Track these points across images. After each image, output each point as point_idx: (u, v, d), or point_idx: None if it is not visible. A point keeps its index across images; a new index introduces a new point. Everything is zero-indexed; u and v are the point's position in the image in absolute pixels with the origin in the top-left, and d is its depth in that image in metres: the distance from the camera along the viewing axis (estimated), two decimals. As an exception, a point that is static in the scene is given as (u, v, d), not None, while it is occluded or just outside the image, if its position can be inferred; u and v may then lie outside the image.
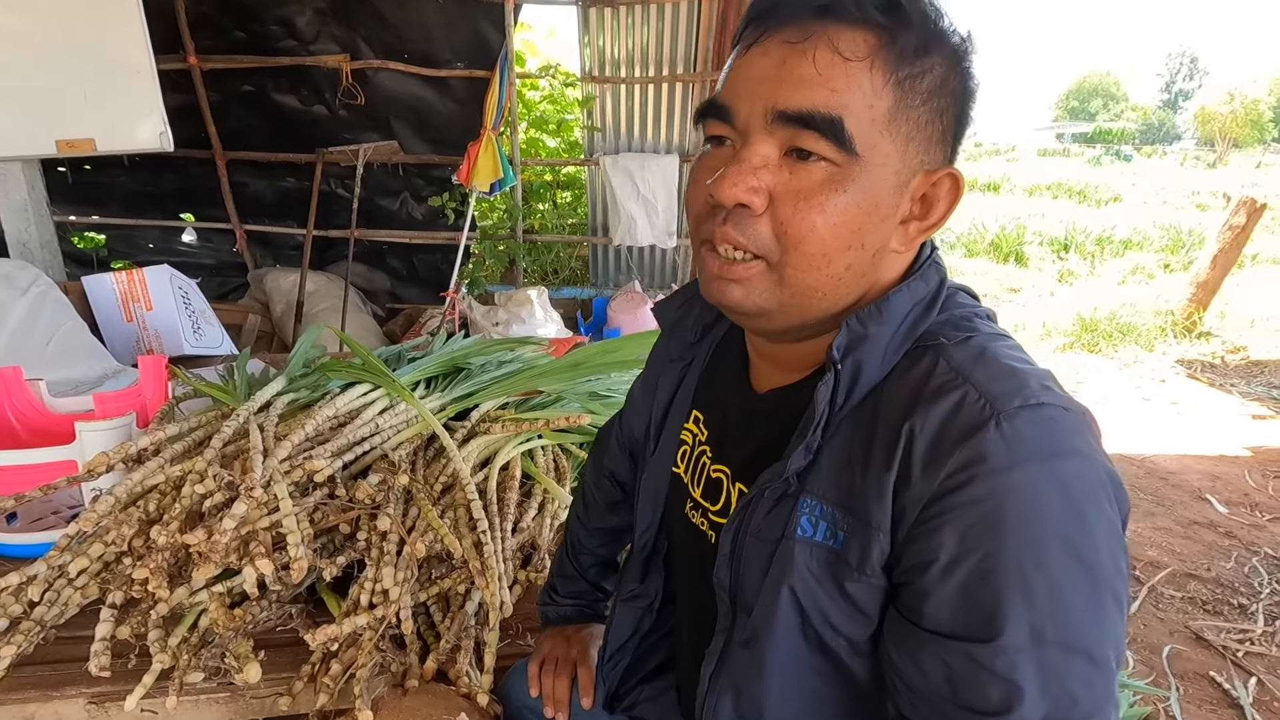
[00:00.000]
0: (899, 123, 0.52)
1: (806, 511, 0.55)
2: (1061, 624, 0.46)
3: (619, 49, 4.35)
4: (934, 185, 0.56)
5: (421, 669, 0.93)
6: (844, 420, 0.56)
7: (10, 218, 2.56)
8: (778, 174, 0.53)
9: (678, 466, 0.76)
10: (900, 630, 0.52)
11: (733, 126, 0.55)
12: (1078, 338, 5.38)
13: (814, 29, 0.51)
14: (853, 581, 0.53)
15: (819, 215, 0.52)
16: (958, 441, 0.48)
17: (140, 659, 0.94)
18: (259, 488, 0.96)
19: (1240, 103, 36.19)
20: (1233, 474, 3.30)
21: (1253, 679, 2.01)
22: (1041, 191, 14.83)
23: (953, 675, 0.48)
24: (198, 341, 2.43)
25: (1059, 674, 0.46)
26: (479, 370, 1.61)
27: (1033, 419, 0.48)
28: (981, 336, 0.55)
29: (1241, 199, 5.10)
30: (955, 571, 0.48)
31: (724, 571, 0.61)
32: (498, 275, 4.87)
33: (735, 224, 0.54)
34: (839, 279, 0.55)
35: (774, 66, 0.52)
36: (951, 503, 0.48)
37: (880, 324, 0.55)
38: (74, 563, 0.99)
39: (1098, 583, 0.47)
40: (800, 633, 0.56)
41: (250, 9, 3.86)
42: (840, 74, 0.50)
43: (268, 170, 4.39)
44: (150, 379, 1.42)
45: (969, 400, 0.49)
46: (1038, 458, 0.47)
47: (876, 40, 0.51)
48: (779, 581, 0.56)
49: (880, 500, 0.51)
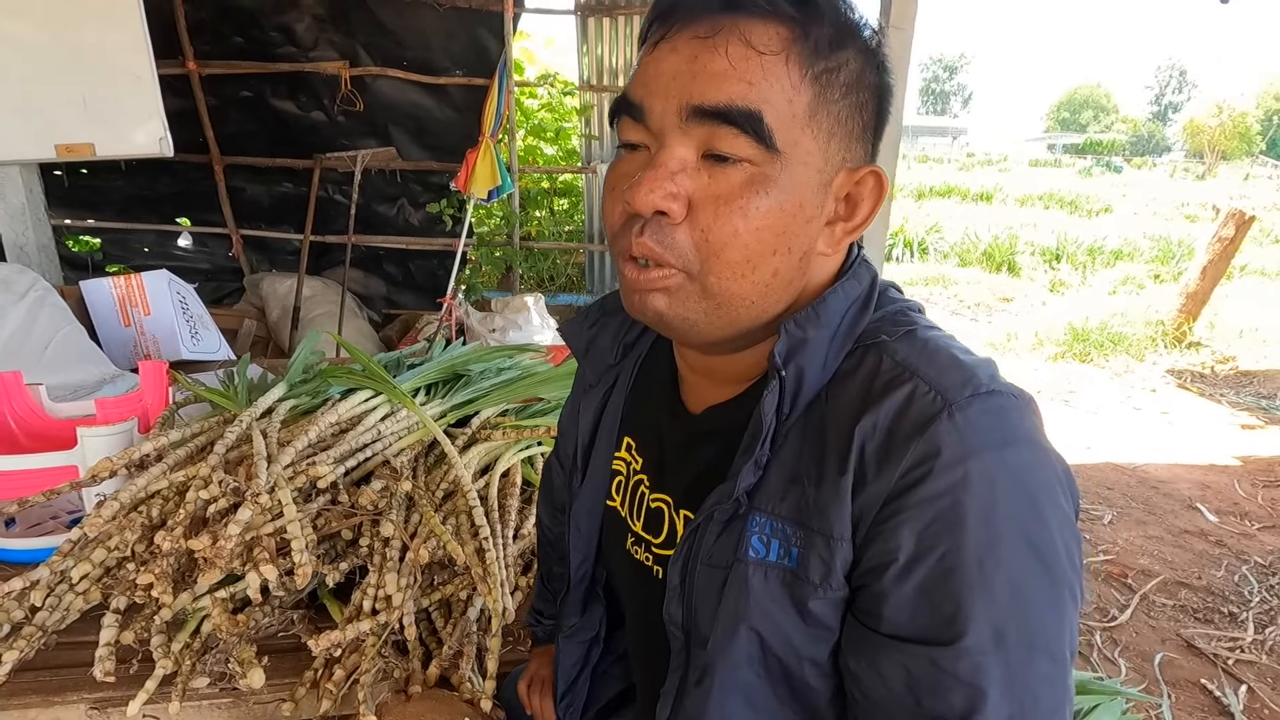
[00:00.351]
0: (819, 118, 0.50)
1: (756, 530, 0.53)
2: (1023, 623, 0.46)
3: (617, 58, 4.38)
4: (857, 184, 0.54)
5: (424, 674, 0.94)
6: (790, 430, 0.53)
7: (8, 222, 2.56)
8: (696, 178, 0.50)
9: (613, 499, 0.72)
10: (858, 637, 0.50)
11: (646, 128, 0.52)
12: (1069, 347, 5.43)
13: (723, 23, 0.48)
14: (817, 599, 0.51)
15: (740, 219, 0.49)
16: (911, 435, 0.47)
17: (142, 665, 0.94)
18: (264, 493, 0.96)
19: (1228, 116, 36.65)
20: (1223, 483, 3.34)
21: (1243, 686, 2.03)
22: (1033, 202, 14.97)
23: (914, 681, 0.47)
24: (195, 346, 2.43)
25: (1022, 675, 0.46)
26: (478, 377, 1.62)
27: (985, 408, 0.47)
28: (920, 330, 0.54)
29: (1230, 211, 5.17)
30: (914, 572, 0.47)
31: (675, 606, 0.58)
32: (494, 281, 4.89)
33: (653, 233, 0.51)
34: (766, 285, 0.52)
35: (685, 62, 0.49)
36: (908, 500, 0.47)
37: (819, 326, 0.53)
38: (77, 568, 1.00)
39: (1056, 580, 0.47)
40: (761, 662, 0.53)
41: (250, 15, 3.87)
42: (755, 67, 0.48)
43: (265, 175, 4.39)
44: (151, 384, 1.42)
45: (919, 393, 0.48)
46: (992, 446, 0.46)
47: (789, 33, 0.49)
48: (734, 609, 0.53)
49: (840, 508, 0.49)
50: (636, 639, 0.75)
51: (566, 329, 0.73)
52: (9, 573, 1.02)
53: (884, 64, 0.54)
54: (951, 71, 79.70)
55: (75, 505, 1.35)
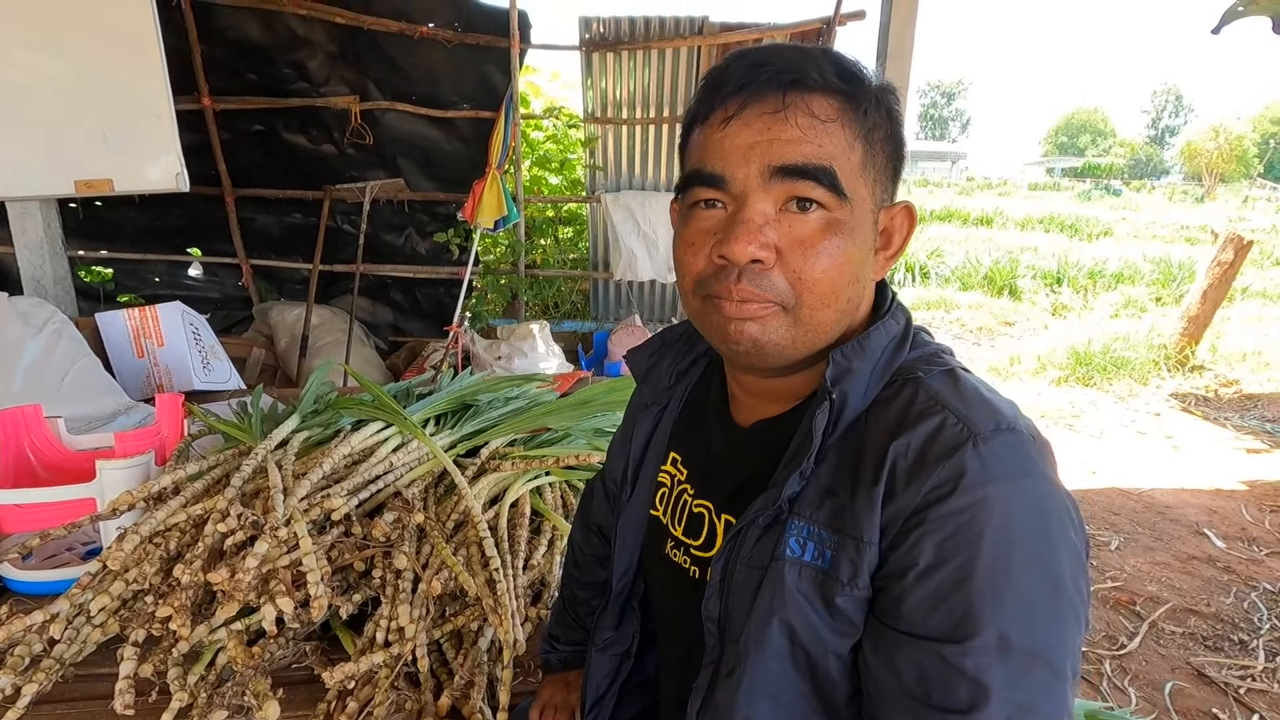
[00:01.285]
0: (868, 169, 0.60)
1: (795, 533, 0.59)
2: (1027, 632, 0.50)
3: (621, 91, 4.48)
4: (892, 218, 0.64)
5: (436, 705, 0.95)
6: (831, 448, 0.60)
7: (26, 255, 2.62)
8: (778, 228, 0.59)
9: (655, 509, 0.79)
10: (877, 633, 0.55)
11: (727, 191, 0.60)
12: (1072, 371, 5.44)
13: (789, 99, 0.58)
14: (843, 596, 0.56)
15: (825, 258, 0.58)
16: (940, 459, 0.53)
17: (159, 697, 0.95)
18: (282, 526, 0.99)
19: (1225, 139, 36.97)
20: (1229, 508, 3.32)
21: (1255, 716, 2.01)
22: (1033, 225, 15.06)
23: (925, 675, 0.52)
24: (207, 377, 2.47)
25: (1023, 680, 0.50)
26: (487, 407, 1.64)
27: (1006, 442, 0.54)
28: (953, 370, 0.61)
29: (1229, 235, 5.21)
30: (932, 577, 0.52)
31: (713, 603, 0.64)
32: (500, 309, 4.93)
33: (750, 279, 0.59)
34: (842, 311, 0.61)
35: (760, 133, 0.58)
36: (933, 514, 0.52)
37: (863, 359, 0.61)
38: (95, 600, 1.02)
39: (1060, 598, 0.52)
40: (790, 655, 0.58)
41: (264, 53, 3.98)
42: (820, 132, 0.57)
43: (275, 206, 4.47)
44: (167, 417, 1.45)
45: (949, 424, 0.55)
46: (1011, 476, 0.52)
47: (841, 103, 0.59)
48: (769, 603, 0.59)
49: (870, 515, 0.55)
50: (669, 641, 0.81)
51: (631, 356, 0.83)
52: (29, 606, 1.04)
53: (900, 118, 0.64)
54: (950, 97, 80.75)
55: (89, 537, 1.37)
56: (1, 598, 1.18)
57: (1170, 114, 73.18)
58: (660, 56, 4.35)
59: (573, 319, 5.35)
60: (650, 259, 4.69)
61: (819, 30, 4.29)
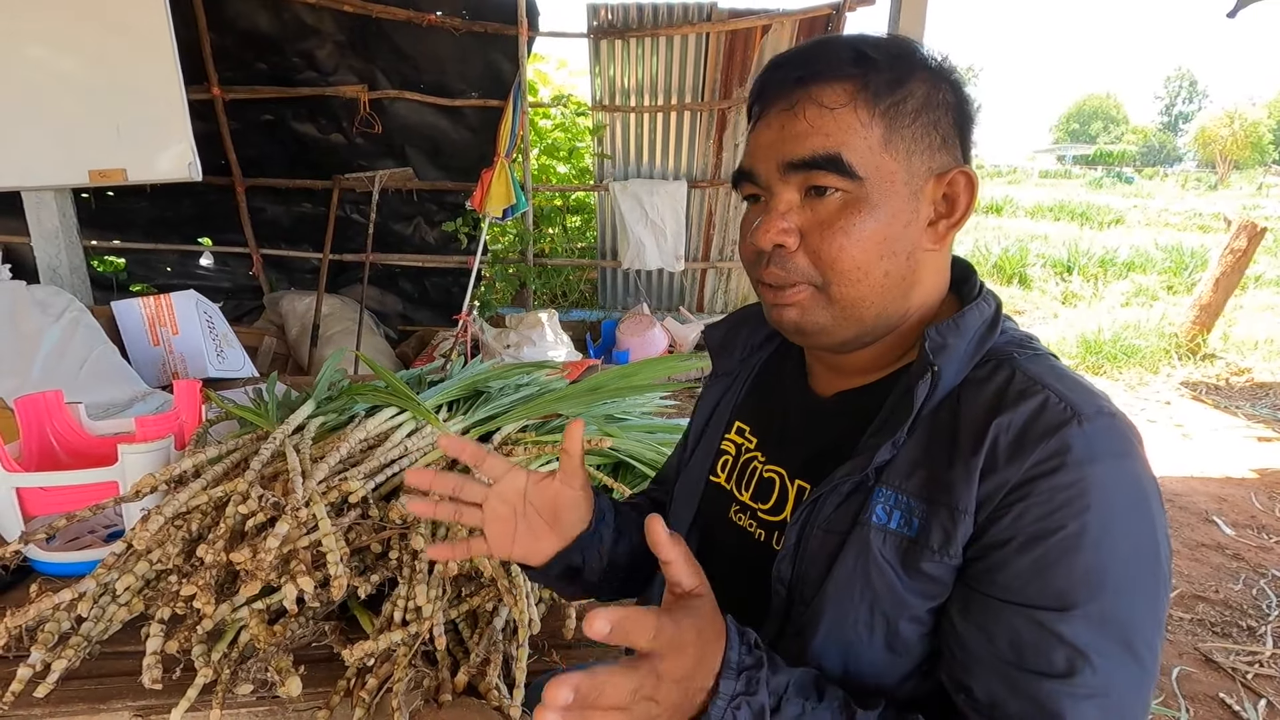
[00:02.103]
0: (895, 143, 0.61)
1: (882, 501, 0.60)
2: (1126, 607, 0.52)
3: (629, 79, 4.46)
4: (950, 185, 0.63)
5: (453, 682, 0.97)
6: (922, 420, 0.62)
7: (42, 244, 2.65)
8: (801, 214, 0.63)
9: (717, 476, 0.81)
10: (968, 599, 0.57)
11: (759, 185, 0.65)
12: (1083, 359, 5.42)
13: (798, 95, 0.61)
14: (931, 562, 0.57)
15: (843, 236, 0.60)
16: (1044, 435, 0.54)
17: (184, 673, 0.98)
18: (302, 508, 1.01)
19: (1240, 125, 36.44)
20: (1239, 496, 3.32)
21: (1262, 701, 2.02)
22: (1044, 213, 14.94)
23: (1020, 640, 0.53)
24: (221, 365, 2.49)
25: (1117, 652, 0.52)
26: (498, 394, 1.66)
27: (1108, 425, 0.55)
28: (1044, 355, 0.63)
29: (1242, 223, 5.16)
30: (1036, 547, 0.53)
31: (785, 566, 0.65)
32: (508, 298, 4.95)
33: (776, 263, 0.64)
34: (881, 285, 0.62)
35: (776, 132, 0.63)
36: (1038, 487, 0.53)
37: (957, 336, 0.62)
38: (121, 580, 1.04)
39: (1158, 578, 0.54)
40: (868, 619, 0.60)
41: (273, 42, 3.99)
42: (829, 121, 0.60)
43: (285, 196, 4.49)
44: (186, 402, 1.48)
45: (1051, 403, 0.56)
46: (1114, 455, 0.54)
47: (853, 86, 0.60)
48: (851, 567, 0.60)
49: (968, 486, 0.56)
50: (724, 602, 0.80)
51: (708, 330, 0.88)
52: (55, 585, 1.07)
53: (956, 81, 0.64)
54: (959, 84, 79.94)
55: (111, 520, 1.40)
56: (28, 578, 1.21)
57: (1184, 100, 72.15)
58: (668, 43, 4.33)
59: (581, 308, 5.37)
60: (658, 248, 4.69)
61: (828, 16, 4.26)
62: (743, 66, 4.41)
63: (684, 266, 4.84)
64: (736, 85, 4.46)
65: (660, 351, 4.48)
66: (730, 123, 4.59)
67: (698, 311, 5.16)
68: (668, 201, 4.61)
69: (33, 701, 0.95)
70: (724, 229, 4.93)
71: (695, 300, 5.21)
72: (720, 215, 4.88)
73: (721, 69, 4.42)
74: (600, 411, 1.62)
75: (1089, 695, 0.51)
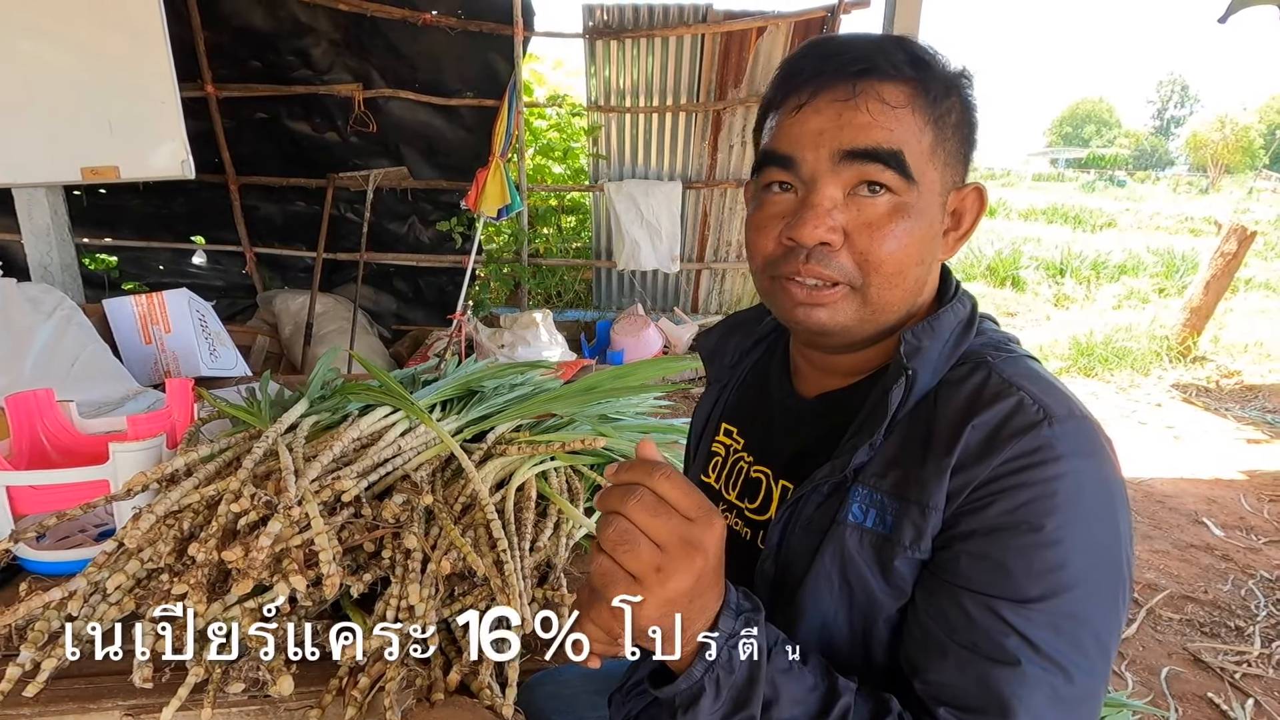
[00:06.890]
0: (938, 153, 0.61)
1: (859, 500, 0.61)
2: (1083, 602, 0.53)
3: (624, 79, 4.46)
4: (963, 199, 0.65)
5: (446, 681, 0.97)
6: (899, 422, 0.62)
7: (34, 242, 2.63)
8: (847, 211, 0.61)
9: (707, 477, 0.82)
10: (930, 586, 0.57)
11: (796, 174, 0.62)
12: (1074, 361, 5.45)
13: (860, 86, 0.59)
14: (902, 558, 0.58)
15: (891, 240, 0.60)
16: (1015, 434, 0.55)
17: (174, 673, 0.98)
18: (295, 507, 1.01)
19: (1231, 130, 36.71)
20: (1228, 497, 3.34)
21: (1250, 700, 2.04)
22: (1037, 216, 15.01)
23: (974, 625, 0.54)
24: (213, 363, 2.48)
25: (1070, 647, 0.52)
26: (492, 393, 1.66)
27: (1078, 427, 0.56)
28: (1020, 358, 0.63)
29: (1232, 226, 5.21)
30: (998, 538, 0.54)
31: (769, 563, 0.66)
32: (503, 298, 4.95)
33: (819, 260, 0.61)
34: (910, 291, 0.63)
35: (830, 120, 0.60)
36: (1005, 483, 0.54)
37: (933, 338, 0.62)
38: (112, 578, 1.04)
39: (1117, 577, 0.55)
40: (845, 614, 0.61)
41: (268, 40, 3.98)
42: (891, 118, 0.59)
43: (279, 194, 4.48)
44: (178, 401, 1.47)
45: (1025, 404, 0.56)
46: (1083, 455, 0.54)
47: (912, 89, 0.60)
48: (828, 565, 0.61)
49: (939, 483, 0.57)
50: None
51: (700, 338, 0.88)
52: (45, 584, 1.06)
53: (973, 101, 0.65)
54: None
55: (102, 519, 1.39)
56: (18, 577, 1.21)
57: (1176, 104, 72.63)
58: (664, 44, 4.33)
59: (575, 308, 5.37)
60: (653, 248, 4.69)
61: (823, 19, 4.27)
62: (738, 68, 4.42)
63: (679, 267, 4.85)
64: (732, 87, 4.47)
65: (655, 352, 4.48)
66: (725, 124, 4.60)
67: (693, 312, 5.17)
68: (663, 202, 4.61)
69: (22, 701, 0.95)
70: (719, 230, 4.94)
71: (690, 301, 5.22)
72: (715, 216, 4.89)
73: (717, 70, 4.43)
74: (595, 412, 1.63)
75: (1038, 685, 0.52)
